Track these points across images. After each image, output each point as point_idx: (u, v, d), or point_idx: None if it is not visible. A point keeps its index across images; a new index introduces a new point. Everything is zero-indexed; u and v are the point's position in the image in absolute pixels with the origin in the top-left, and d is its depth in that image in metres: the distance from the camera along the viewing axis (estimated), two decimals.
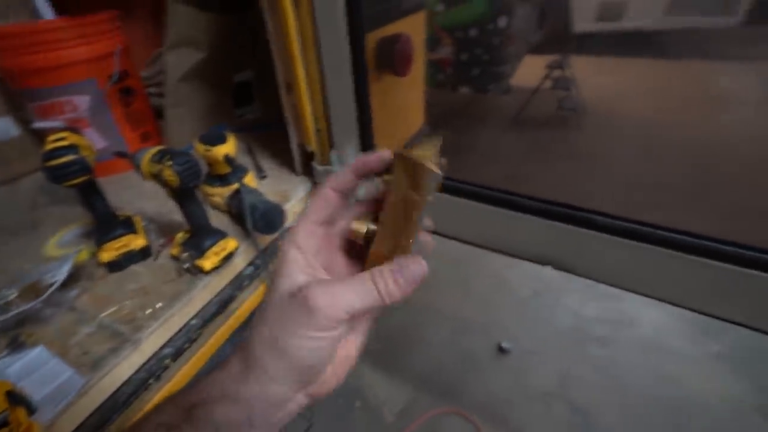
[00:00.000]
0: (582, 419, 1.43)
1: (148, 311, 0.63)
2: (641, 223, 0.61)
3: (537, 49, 2.93)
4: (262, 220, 0.74)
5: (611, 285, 0.67)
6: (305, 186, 0.95)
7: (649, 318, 1.74)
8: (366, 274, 0.26)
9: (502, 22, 2.30)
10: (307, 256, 0.29)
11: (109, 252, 0.70)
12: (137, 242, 0.72)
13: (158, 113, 1.13)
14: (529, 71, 2.67)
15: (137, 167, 0.64)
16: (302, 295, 0.25)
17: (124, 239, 0.72)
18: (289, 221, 0.88)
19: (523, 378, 1.57)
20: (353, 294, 0.25)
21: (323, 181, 0.32)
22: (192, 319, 0.67)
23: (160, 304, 0.65)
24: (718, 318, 0.61)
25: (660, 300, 0.65)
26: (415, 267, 0.26)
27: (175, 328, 0.65)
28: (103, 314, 0.63)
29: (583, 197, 0.69)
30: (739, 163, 1.65)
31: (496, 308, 1.83)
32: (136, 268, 0.72)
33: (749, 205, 1.29)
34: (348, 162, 0.84)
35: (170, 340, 0.64)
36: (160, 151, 0.62)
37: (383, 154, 0.29)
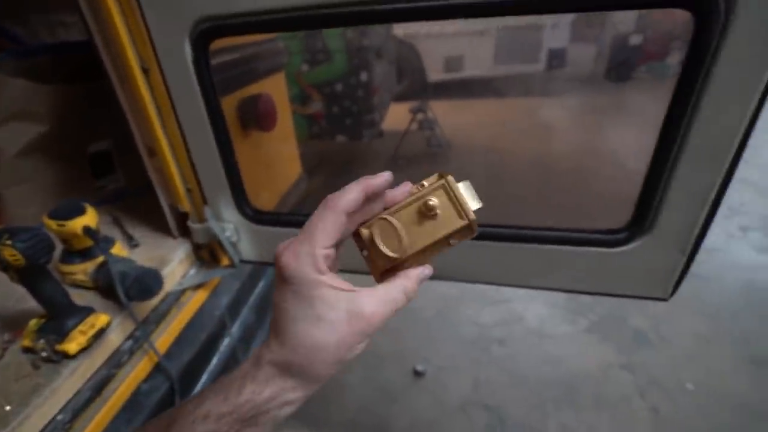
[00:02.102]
0: (497, 417, 1.54)
1: None
2: (493, 225, 0.74)
3: (400, 97, 3.33)
4: (135, 287, 0.70)
5: (467, 281, 0.79)
6: (184, 247, 0.92)
7: (532, 312, 2.00)
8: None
9: (363, 76, 2.58)
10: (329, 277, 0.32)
11: None
12: None
13: None
14: (397, 117, 3.01)
15: None
16: None
17: None
18: (171, 284, 0.85)
19: (441, 395, 1.65)
20: None
21: (332, 203, 0.32)
22: (58, 413, 0.59)
23: (8, 407, 0.56)
24: (549, 289, 0.75)
25: (507, 285, 0.78)
26: None
27: (35, 430, 0.56)
28: None
29: None
30: (564, 172, 2.09)
31: (405, 334, 1.91)
32: None
33: (577, 201, 1.64)
34: (224, 217, 0.85)
35: None
36: None
37: (388, 177, 0.34)
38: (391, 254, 0.34)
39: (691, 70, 0.48)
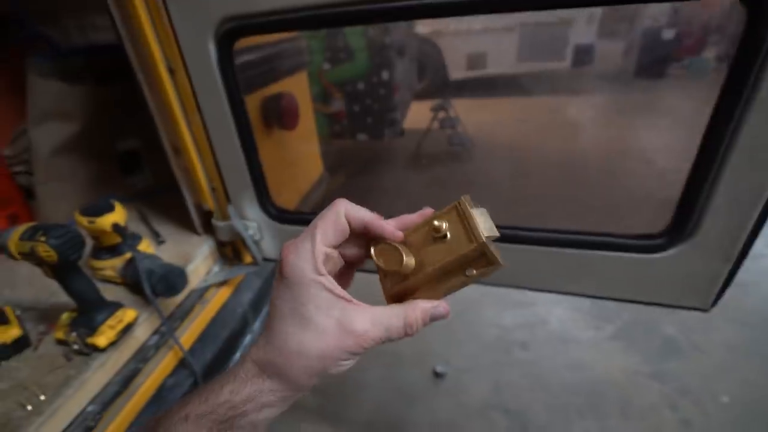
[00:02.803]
0: (519, 422, 1.51)
1: (29, 408, 0.56)
2: (508, 227, 0.72)
3: (422, 95, 3.30)
4: (161, 284, 0.71)
5: (500, 285, 0.77)
6: (209, 244, 0.93)
7: (556, 315, 1.95)
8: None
9: (385, 75, 2.57)
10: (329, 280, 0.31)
11: None
12: (9, 334, 0.64)
13: (29, 193, 1.03)
14: (419, 115, 2.99)
15: (4, 248, 0.59)
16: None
17: None
18: (195, 280, 0.86)
19: (461, 397, 1.63)
20: None
21: (337, 203, 0.32)
22: (89, 404, 0.61)
23: (43, 397, 0.58)
24: (581, 295, 0.72)
25: (539, 290, 0.75)
26: None
27: (67, 420, 0.58)
28: None
29: None
30: (589, 170, 2.02)
31: (425, 335, 1.87)
32: (10, 363, 0.64)
33: (601, 202, 1.58)
34: (247, 215, 0.86)
35: None
36: (30, 228, 0.58)
37: (396, 234, 0.32)
38: (388, 269, 0.31)
39: (743, 65, 0.45)
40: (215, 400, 0.29)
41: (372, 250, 0.32)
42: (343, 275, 0.36)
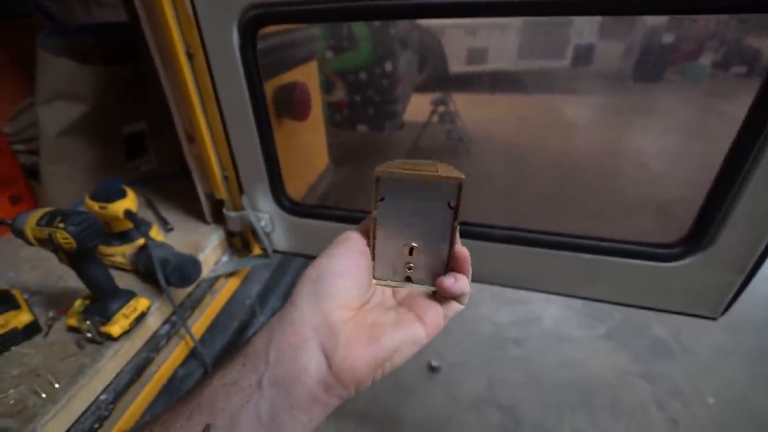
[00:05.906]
0: (512, 416, 1.54)
1: (44, 395, 0.55)
2: (522, 229, 0.73)
3: (422, 89, 3.29)
4: (175, 274, 0.70)
5: (510, 287, 0.78)
6: (218, 234, 0.92)
7: (550, 314, 1.98)
8: None
9: (388, 66, 2.54)
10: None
11: None
12: (20, 319, 0.63)
13: (30, 173, 1.00)
14: (418, 108, 2.99)
15: (19, 233, 0.58)
16: None
17: (2, 318, 0.62)
18: (204, 270, 0.85)
19: (455, 391, 1.65)
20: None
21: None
22: (101, 393, 0.60)
23: (57, 385, 0.57)
24: (592, 299, 0.74)
25: (549, 293, 0.77)
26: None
27: (81, 409, 0.58)
28: None
29: (477, 214, 0.81)
30: (587, 172, 2.05)
31: None
32: (21, 349, 0.62)
33: (601, 206, 1.61)
34: (260, 206, 0.85)
35: (76, 422, 0.56)
36: (48, 213, 0.56)
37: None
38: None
39: None
40: None
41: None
42: None
